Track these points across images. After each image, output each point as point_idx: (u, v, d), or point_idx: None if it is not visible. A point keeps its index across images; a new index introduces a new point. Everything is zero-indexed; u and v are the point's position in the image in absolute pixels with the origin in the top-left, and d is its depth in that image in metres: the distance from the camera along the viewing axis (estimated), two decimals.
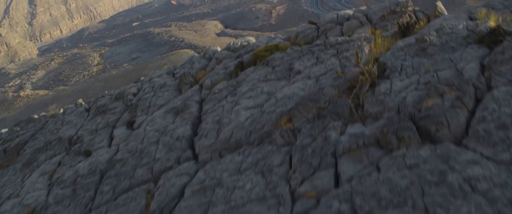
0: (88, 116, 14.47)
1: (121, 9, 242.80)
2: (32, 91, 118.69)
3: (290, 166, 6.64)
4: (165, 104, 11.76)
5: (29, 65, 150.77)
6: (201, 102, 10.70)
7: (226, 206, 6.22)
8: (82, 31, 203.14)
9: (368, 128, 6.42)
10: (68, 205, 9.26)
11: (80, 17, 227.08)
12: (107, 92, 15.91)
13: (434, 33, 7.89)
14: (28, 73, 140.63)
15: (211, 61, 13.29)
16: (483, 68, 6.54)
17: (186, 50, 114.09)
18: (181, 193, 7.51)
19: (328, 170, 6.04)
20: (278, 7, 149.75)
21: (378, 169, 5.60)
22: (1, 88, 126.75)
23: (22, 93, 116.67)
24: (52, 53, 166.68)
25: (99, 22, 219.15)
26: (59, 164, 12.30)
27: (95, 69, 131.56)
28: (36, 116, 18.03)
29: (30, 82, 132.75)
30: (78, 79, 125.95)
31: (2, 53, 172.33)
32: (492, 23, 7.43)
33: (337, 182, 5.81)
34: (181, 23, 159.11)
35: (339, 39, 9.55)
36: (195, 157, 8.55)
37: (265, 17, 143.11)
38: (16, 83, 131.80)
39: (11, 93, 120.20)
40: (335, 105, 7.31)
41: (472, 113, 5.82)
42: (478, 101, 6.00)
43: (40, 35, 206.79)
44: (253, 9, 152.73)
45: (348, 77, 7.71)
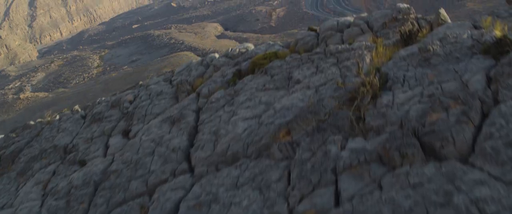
0: (84, 123, 14.24)
1: (121, 12, 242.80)
2: (32, 94, 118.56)
3: (289, 182, 6.40)
4: (161, 113, 11.53)
5: (29, 67, 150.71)
6: (198, 111, 10.47)
7: None
8: (82, 33, 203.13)
9: (370, 142, 6.18)
10: None
11: (80, 19, 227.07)
12: (103, 98, 15.67)
13: (438, 42, 7.65)
14: (28, 75, 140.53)
15: (209, 68, 13.07)
16: (489, 80, 6.29)
17: (186, 53, 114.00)
18: (176, 208, 7.27)
19: (328, 188, 5.80)
20: (278, 10, 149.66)
21: (380, 187, 5.36)
22: (1, 91, 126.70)
23: (22, 96, 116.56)
24: (52, 56, 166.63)
25: (99, 25, 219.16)
26: (54, 173, 12.06)
27: (95, 71, 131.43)
28: (32, 122, 17.79)
29: (30, 84, 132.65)
30: (78, 81, 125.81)
31: (2, 55, 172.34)
32: (497, 33, 7.19)
33: (337, 200, 5.57)
34: (181, 25, 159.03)
35: (340, 47, 9.31)
36: (191, 169, 8.31)
37: (265, 19, 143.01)
38: (16, 85, 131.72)
39: (11, 96, 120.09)
40: (335, 118, 7.07)
41: (478, 129, 5.58)
42: (484, 116, 5.76)
43: (40, 37, 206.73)
44: (253, 11, 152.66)
45: (349, 88, 7.47)
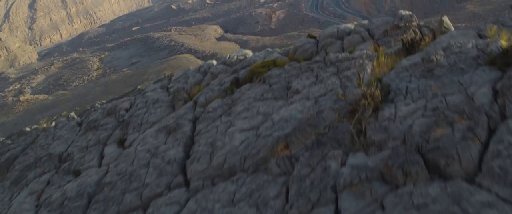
0: (79, 131, 14.00)
1: (121, 14, 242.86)
2: (32, 96, 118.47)
3: (287, 199, 6.15)
4: (157, 122, 11.28)
5: (29, 69, 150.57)
6: (194, 121, 10.22)
7: None
8: (82, 35, 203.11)
9: (371, 158, 5.93)
10: None
11: (80, 22, 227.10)
12: (99, 105, 15.43)
13: (441, 52, 7.40)
14: (27, 77, 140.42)
15: (206, 76, 12.83)
16: (495, 94, 6.04)
17: (186, 55, 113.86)
18: None
19: (328, 206, 5.55)
20: (278, 12, 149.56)
21: (383, 207, 5.12)
22: (0, 93, 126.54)
23: (21, 98, 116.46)
24: (52, 58, 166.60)
25: (99, 27, 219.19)
26: (48, 183, 11.84)
27: (95, 73, 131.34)
28: (28, 129, 17.57)
29: (29, 86, 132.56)
30: (77, 83, 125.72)
31: (2, 57, 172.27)
32: (503, 43, 6.94)
33: None
34: (181, 27, 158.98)
35: (340, 56, 9.07)
36: (187, 183, 8.05)
37: (265, 21, 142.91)
38: (16, 87, 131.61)
39: (10, 98, 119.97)
40: (335, 131, 6.81)
41: (485, 146, 5.33)
42: (491, 132, 5.51)
43: (40, 39, 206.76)
44: (253, 13, 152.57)
45: (350, 100, 7.21)
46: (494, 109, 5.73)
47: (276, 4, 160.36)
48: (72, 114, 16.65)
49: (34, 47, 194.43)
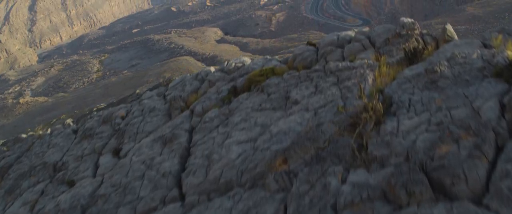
0: (75, 139, 13.74)
1: (121, 16, 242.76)
2: (32, 98, 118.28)
3: None
4: (153, 131, 11.03)
5: (28, 72, 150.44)
6: (191, 131, 9.96)
7: None
8: (82, 38, 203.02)
9: (373, 176, 5.66)
10: None
11: (80, 24, 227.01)
12: (95, 112, 15.17)
13: (445, 63, 7.13)
14: (27, 80, 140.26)
15: (204, 84, 12.57)
16: (503, 108, 5.77)
17: (186, 57, 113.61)
18: None
19: None
20: (277, 14, 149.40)
21: None
22: (0, 95, 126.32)
23: (21, 100, 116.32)
24: (52, 60, 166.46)
25: (99, 29, 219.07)
26: (42, 193, 11.58)
27: (95, 76, 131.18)
28: (24, 135, 17.32)
29: (29, 89, 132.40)
30: (77, 86, 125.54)
31: (2, 59, 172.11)
32: (510, 53, 6.68)
33: None
34: (181, 30, 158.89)
35: (340, 65, 8.80)
36: (182, 197, 7.79)
37: (265, 24, 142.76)
38: (16, 90, 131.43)
39: (10, 100, 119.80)
40: (335, 145, 6.55)
41: (492, 164, 5.07)
42: (499, 149, 5.24)
43: (40, 41, 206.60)
44: (253, 16, 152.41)
45: (350, 112, 6.95)
46: (502, 125, 5.47)
47: (276, 6, 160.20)
48: (68, 120, 16.40)
49: (34, 49, 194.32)
